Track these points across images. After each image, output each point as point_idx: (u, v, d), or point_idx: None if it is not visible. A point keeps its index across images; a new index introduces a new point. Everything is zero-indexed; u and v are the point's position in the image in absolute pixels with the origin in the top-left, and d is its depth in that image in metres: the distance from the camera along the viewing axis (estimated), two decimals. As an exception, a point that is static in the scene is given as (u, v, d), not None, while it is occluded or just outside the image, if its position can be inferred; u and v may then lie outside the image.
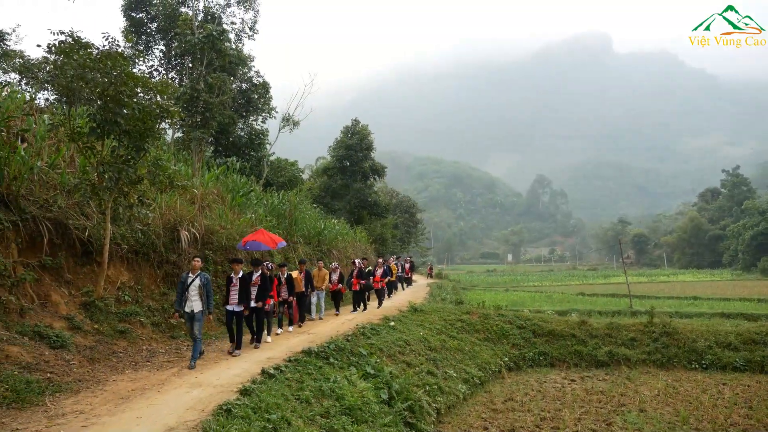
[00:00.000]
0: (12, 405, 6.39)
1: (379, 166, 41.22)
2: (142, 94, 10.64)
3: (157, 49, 29.84)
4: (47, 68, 22.88)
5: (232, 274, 10.49)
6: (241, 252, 14.80)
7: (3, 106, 10.99)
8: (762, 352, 15.41)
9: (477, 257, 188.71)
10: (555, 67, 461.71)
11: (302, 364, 9.28)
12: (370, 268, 19.09)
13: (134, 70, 22.36)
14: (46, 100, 22.19)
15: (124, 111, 9.94)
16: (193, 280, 9.40)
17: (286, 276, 13.44)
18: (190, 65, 25.14)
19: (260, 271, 11.20)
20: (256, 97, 30.01)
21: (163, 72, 29.60)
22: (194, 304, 9.32)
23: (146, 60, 29.34)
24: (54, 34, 10.05)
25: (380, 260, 20.68)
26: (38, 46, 10.12)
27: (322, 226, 23.81)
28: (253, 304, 10.89)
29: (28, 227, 9.64)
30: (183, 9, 28.10)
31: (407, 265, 28.69)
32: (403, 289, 27.41)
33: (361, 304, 17.54)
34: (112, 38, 11.90)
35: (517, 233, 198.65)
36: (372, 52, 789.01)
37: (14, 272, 9.10)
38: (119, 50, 23.37)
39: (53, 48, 9.56)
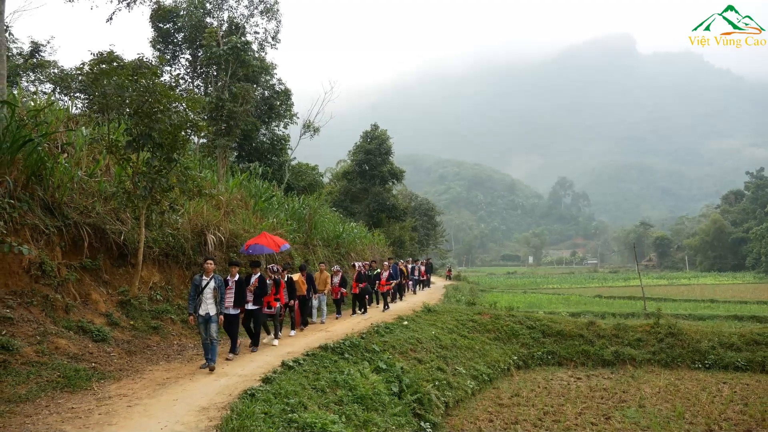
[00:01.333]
0: (65, 389, 7.31)
1: (398, 170, 42.07)
2: (172, 108, 11.56)
3: (183, 57, 30.98)
4: (80, 77, 24.14)
5: (228, 277, 10.37)
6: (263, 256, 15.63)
7: (47, 119, 11.97)
8: (763, 352, 15.92)
9: (498, 259, 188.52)
10: (577, 70, 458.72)
11: (319, 358, 10.11)
12: (379, 270, 19.09)
13: (161, 80, 23.55)
14: (77, 108, 23.33)
15: (158, 125, 10.86)
16: (207, 283, 9.38)
17: (286, 279, 13.24)
18: (215, 74, 26.21)
19: (258, 274, 11.31)
20: (278, 103, 31.06)
21: (189, 80, 30.74)
22: (209, 307, 9.30)
23: (173, 68, 30.51)
24: (94, 55, 11.04)
25: (386, 263, 20.35)
26: (81, 66, 11.05)
27: (341, 229, 24.69)
28: (250, 306, 10.97)
29: (70, 232, 10.58)
30: (208, 19, 29.20)
31: (423, 268, 29.04)
32: (420, 290, 27.92)
33: (361, 308, 17.31)
34: (147, 59, 12.61)
35: (538, 235, 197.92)
36: (395, 55, 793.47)
37: (59, 273, 10.04)
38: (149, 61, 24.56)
39: (95, 69, 10.49)
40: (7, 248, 8.50)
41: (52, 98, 18.75)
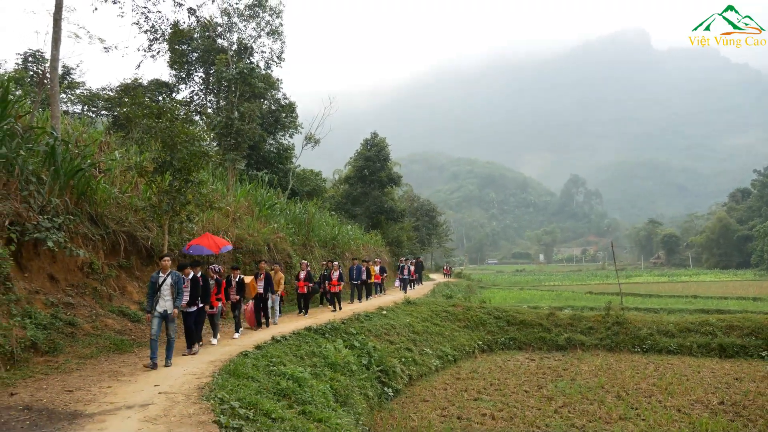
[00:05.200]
0: (115, 351, 10.31)
1: (396, 176, 44.96)
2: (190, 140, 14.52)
3: (197, 75, 34.01)
4: (105, 97, 27.29)
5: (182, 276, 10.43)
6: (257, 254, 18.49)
7: (91, 150, 14.97)
8: (693, 338, 18.50)
9: (509, 257, 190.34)
10: (591, 66, 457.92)
11: (302, 336, 12.98)
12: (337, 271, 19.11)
13: (178, 96, 26.64)
14: (105, 126, 26.38)
15: (178, 155, 13.83)
16: (164, 280, 9.53)
17: (237, 279, 13.66)
18: (225, 88, 29.17)
19: (199, 273, 11.19)
20: (284, 116, 34.03)
21: (202, 95, 33.77)
22: (167, 304, 9.51)
23: (188, 85, 33.61)
24: (130, 107, 14.03)
25: (335, 263, 19.63)
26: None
27: (337, 231, 27.60)
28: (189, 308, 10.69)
29: (110, 238, 13.57)
30: (219, 41, 32.18)
31: (412, 267, 30.54)
32: (410, 289, 29.74)
33: (304, 308, 17.60)
34: (166, 94, 15.19)
35: (549, 233, 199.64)
36: (410, 55, 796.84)
37: (103, 270, 13.03)
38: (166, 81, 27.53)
39: (131, 113, 13.48)
40: (68, 252, 11.44)
41: (84, 119, 21.77)
